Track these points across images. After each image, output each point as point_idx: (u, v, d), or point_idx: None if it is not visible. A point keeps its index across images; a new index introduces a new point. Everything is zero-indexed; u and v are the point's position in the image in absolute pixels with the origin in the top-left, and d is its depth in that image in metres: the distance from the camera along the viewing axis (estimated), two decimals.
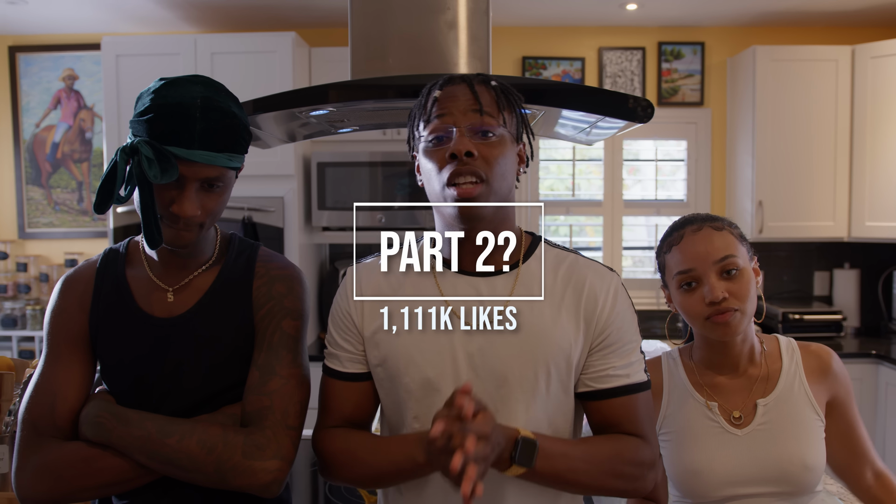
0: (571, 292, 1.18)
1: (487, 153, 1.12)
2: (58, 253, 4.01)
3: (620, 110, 1.35)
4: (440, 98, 1.16)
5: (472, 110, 1.13)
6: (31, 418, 1.20)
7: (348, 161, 3.46)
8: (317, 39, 3.78)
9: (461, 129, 1.13)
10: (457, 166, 1.11)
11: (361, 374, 1.23)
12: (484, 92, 1.16)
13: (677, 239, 1.32)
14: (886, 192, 3.51)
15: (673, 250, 1.32)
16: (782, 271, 3.95)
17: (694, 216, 1.35)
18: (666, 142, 4.00)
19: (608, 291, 1.18)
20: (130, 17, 3.67)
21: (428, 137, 1.16)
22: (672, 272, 1.32)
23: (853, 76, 3.58)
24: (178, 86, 1.14)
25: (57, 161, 4.01)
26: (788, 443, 1.27)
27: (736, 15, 3.70)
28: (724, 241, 1.29)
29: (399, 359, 1.18)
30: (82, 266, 1.30)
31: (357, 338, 1.22)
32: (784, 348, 1.35)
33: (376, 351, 1.20)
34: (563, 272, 1.20)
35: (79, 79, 3.97)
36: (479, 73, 1.20)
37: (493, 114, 1.14)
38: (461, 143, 1.11)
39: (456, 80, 1.17)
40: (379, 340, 1.20)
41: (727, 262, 1.27)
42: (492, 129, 1.14)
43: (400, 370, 1.17)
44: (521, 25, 3.89)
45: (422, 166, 1.19)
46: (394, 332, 1.19)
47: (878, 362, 3.33)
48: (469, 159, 1.11)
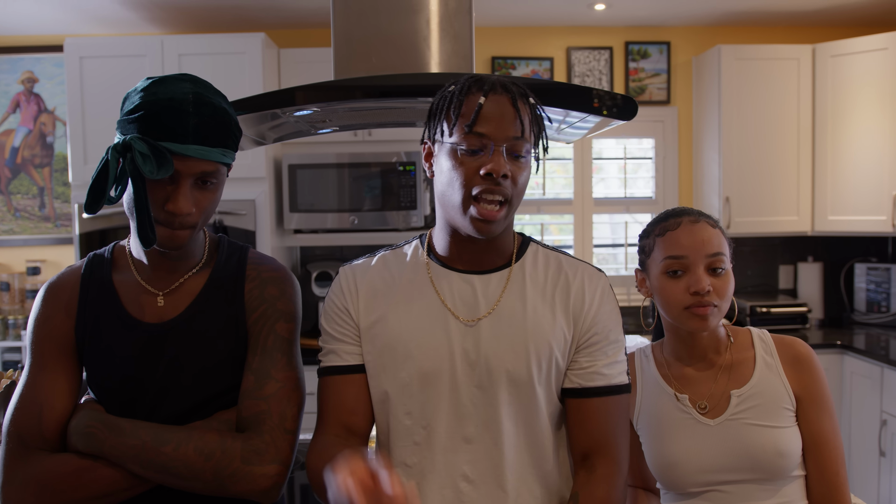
0: (561, 291, 1.20)
1: (517, 174, 1.13)
2: (19, 261, 3.89)
3: (613, 109, 1.37)
4: (484, 106, 1.11)
5: (514, 131, 1.11)
6: (17, 430, 1.16)
7: (319, 163, 3.44)
8: (286, 41, 3.74)
9: (499, 148, 1.11)
10: (489, 185, 1.10)
11: (360, 365, 1.22)
12: (525, 111, 1.13)
13: (674, 225, 1.33)
14: (847, 187, 3.61)
15: (667, 234, 1.33)
16: (748, 265, 4.04)
17: (687, 209, 1.37)
18: (635, 140, 4.06)
19: (595, 291, 1.21)
20: (93, 18, 3.58)
21: (461, 144, 1.12)
22: (660, 256, 1.33)
23: (814, 74, 3.67)
24: (168, 83, 1.12)
25: (17, 166, 3.89)
26: (761, 431, 1.29)
27: (701, 15, 3.77)
28: (718, 239, 1.32)
29: (396, 352, 1.18)
30: (65, 272, 1.27)
31: (354, 329, 1.22)
32: (756, 339, 1.38)
33: (370, 345, 1.21)
34: (552, 271, 1.22)
35: (39, 81, 3.86)
36: (515, 82, 1.16)
37: (527, 136, 1.13)
38: (500, 164, 1.10)
39: (498, 89, 1.13)
40: (376, 334, 1.20)
41: (717, 258, 1.30)
42: (524, 152, 1.14)
43: (397, 363, 1.18)
44: (490, 26, 3.90)
45: (442, 166, 1.16)
46: (390, 326, 1.19)
47: (842, 352, 3.43)
48: (503, 181, 1.11)
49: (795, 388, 1.33)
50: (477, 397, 1.16)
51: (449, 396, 1.17)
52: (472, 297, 1.19)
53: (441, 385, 1.16)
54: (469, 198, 1.11)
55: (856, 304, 3.91)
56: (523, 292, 1.19)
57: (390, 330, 1.19)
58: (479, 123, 1.11)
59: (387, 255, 1.28)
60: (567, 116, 1.52)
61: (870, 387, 3.25)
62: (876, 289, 3.81)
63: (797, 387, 1.33)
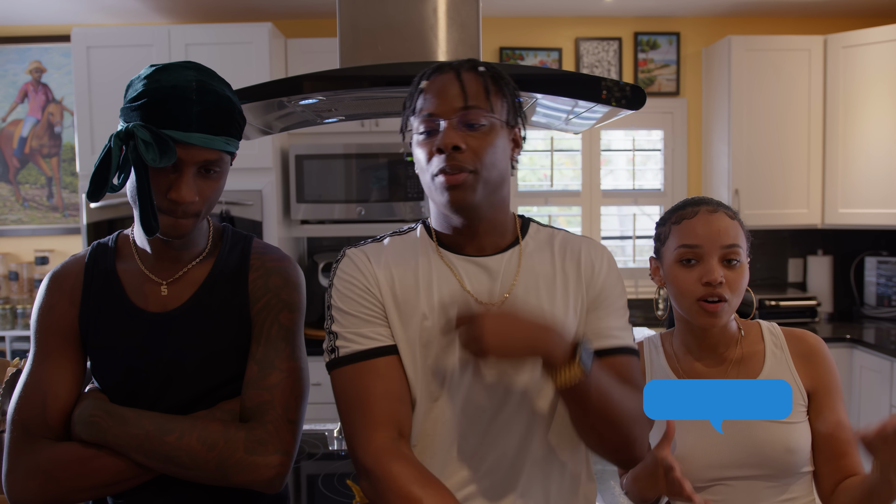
0: (570, 262, 1.20)
1: (476, 144, 1.11)
2: (27, 250, 3.91)
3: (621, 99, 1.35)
4: (426, 89, 1.14)
5: (459, 102, 1.11)
6: (22, 418, 1.16)
7: (326, 153, 3.43)
8: (293, 30, 3.73)
9: (450, 121, 1.11)
10: (445, 160, 1.10)
11: (395, 346, 1.14)
12: (471, 80, 1.13)
13: (691, 213, 1.32)
14: (858, 180, 3.58)
15: (684, 223, 1.31)
16: (757, 258, 4.01)
17: (707, 198, 1.36)
18: (644, 131, 4.03)
19: (602, 259, 1.21)
20: (100, 7, 3.57)
21: (419, 129, 1.15)
22: (675, 244, 1.32)
23: (825, 65, 3.63)
24: (171, 71, 1.11)
25: (25, 156, 3.90)
26: (770, 427, 1.27)
27: (711, 5, 3.73)
28: (735, 230, 1.30)
29: (416, 342, 1.14)
30: (69, 261, 1.26)
31: (381, 309, 1.15)
32: (766, 333, 1.36)
33: (399, 327, 1.15)
34: (558, 246, 1.22)
35: (46, 71, 3.87)
36: (469, 59, 1.18)
37: (480, 104, 1.12)
38: (448, 136, 1.10)
39: (445, 69, 1.15)
40: (398, 318, 1.15)
41: (732, 250, 1.28)
42: (480, 120, 1.12)
43: (426, 348, 1.14)
44: (498, 16, 3.87)
45: (414, 156, 1.18)
46: (416, 310, 1.14)
47: (851, 346, 3.40)
48: (456, 153, 1.10)
49: (808, 381, 1.31)
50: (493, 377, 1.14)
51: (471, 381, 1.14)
52: (487, 280, 1.17)
53: (465, 370, 1.13)
54: (433, 174, 1.12)
55: (866, 298, 3.88)
56: (535, 268, 1.18)
57: (420, 315, 1.14)
58: (426, 105, 1.13)
59: (396, 238, 1.25)
60: (575, 107, 1.50)
61: (879, 381, 3.22)
62: (886, 283, 3.77)
63: (809, 380, 1.31)
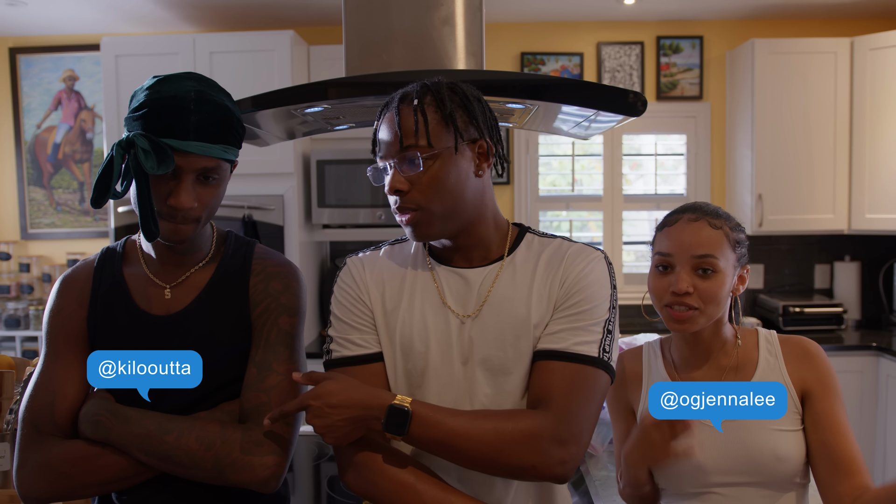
0: (551, 270, 1.19)
1: (421, 180, 1.14)
2: (60, 253, 4.03)
3: (614, 104, 1.36)
4: (378, 128, 1.19)
5: (397, 143, 1.14)
6: (32, 417, 1.21)
7: (348, 159, 3.47)
8: (315, 37, 3.78)
9: (393, 163, 1.15)
10: (396, 202, 1.16)
11: (380, 353, 1.22)
12: (407, 117, 1.14)
13: (671, 221, 1.34)
14: (886, 184, 3.51)
15: (664, 230, 1.34)
16: (783, 264, 3.95)
17: (697, 206, 1.34)
18: (666, 136, 4.00)
19: (585, 261, 1.18)
20: (129, 17, 3.67)
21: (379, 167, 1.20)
22: (654, 250, 1.35)
23: (852, 68, 3.57)
24: (172, 81, 1.15)
25: (58, 162, 4.02)
26: (760, 434, 1.26)
27: (734, 8, 3.70)
28: (713, 239, 1.28)
29: (404, 345, 1.19)
30: (80, 265, 1.31)
31: (371, 318, 1.22)
32: (762, 340, 1.35)
33: (384, 335, 1.22)
34: (546, 255, 1.22)
35: (79, 79, 3.98)
36: (423, 84, 1.18)
37: (417, 140, 1.13)
38: (393, 180, 1.15)
39: (391, 106, 1.17)
40: (384, 324, 1.22)
41: (704, 260, 1.27)
42: (419, 157, 1.13)
43: (406, 357, 1.20)
44: (519, 21, 3.89)
45: None
46: (401, 318, 1.20)
47: (878, 354, 3.33)
48: (401, 196, 1.15)
49: (802, 384, 1.29)
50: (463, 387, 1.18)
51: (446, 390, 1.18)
52: (465, 292, 1.20)
53: (435, 378, 1.18)
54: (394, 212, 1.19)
55: (894, 306, 3.79)
56: (513, 281, 1.19)
57: (401, 323, 1.20)
58: (377, 144, 1.19)
59: (392, 248, 1.30)
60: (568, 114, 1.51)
61: None
62: None
63: (804, 381, 1.29)
